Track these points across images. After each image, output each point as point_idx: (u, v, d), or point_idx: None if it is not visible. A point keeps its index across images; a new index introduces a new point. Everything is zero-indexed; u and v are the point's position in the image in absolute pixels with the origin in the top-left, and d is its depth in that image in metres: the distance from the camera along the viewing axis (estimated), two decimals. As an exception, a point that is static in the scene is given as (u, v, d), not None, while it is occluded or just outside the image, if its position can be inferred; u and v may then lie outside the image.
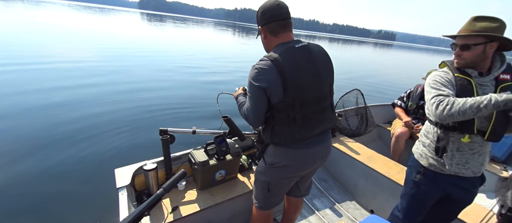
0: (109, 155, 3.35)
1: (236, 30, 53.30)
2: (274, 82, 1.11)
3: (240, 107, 1.36)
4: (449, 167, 1.26)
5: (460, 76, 1.20)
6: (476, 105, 1.01)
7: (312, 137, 1.24)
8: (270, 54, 1.15)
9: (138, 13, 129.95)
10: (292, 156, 1.25)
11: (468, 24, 1.17)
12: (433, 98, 1.16)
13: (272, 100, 1.15)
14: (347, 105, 2.98)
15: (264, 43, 1.29)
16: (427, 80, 1.28)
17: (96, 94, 5.53)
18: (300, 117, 1.17)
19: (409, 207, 1.46)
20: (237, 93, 1.51)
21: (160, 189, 0.86)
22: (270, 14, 1.19)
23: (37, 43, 10.94)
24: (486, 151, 1.25)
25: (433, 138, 1.30)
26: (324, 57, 1.24)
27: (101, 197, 2.50)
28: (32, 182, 2.73)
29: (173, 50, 14.22)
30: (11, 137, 3.50)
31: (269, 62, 1.12)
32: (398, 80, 12.79)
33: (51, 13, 34.03)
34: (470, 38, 1.15)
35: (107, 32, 19.38)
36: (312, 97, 1.19)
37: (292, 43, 1.19)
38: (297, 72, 1.13)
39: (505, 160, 2.66)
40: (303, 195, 1.61)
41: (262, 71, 1.12)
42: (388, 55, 37.87)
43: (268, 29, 1.21)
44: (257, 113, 1.20)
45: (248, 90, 1.21)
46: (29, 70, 6.70)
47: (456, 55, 1.21)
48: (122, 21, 37.70)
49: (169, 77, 7.93)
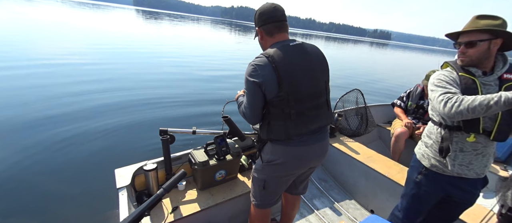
0: (109, 155, 3.35)
1: (235, 29, 53.04)
2: (269, 77, 1.15)
3: (238, 106, 1.41)
4: (451, 168, 1.25)
5: (465, 75, 1.19)
6: (486, 103, 0.99)
7: (308, 134, 1.26)
8: (266, 51, 1.20)
9: (133, 10, 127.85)
10: (288, 153, 1.27)
11: (471, 23, 1.17)
12: (440, 95, 1.14)
13: (267, 95, 1.19)
14: (347, 105, 2.98)
15: (261, 44, 1.34)
16: (431, 79, 1.27)
17: (96, 94, 5.52)
18: (295, 113, 1.20)
19: (410, 207, 1.46)
20: (238, 95, 1.54)
21: (160, 189, 0.86)
22: (267, 16, 1.25)
23: (32, 40, 10.80)
24: (490, 152, 1.24)
25: (436, 139, 1.29)
26: (318, 55, 1.29)
27: (101, 197, 2.50)
28: (32, 182, 2.72)
29: (172, 49, 14.17)
30: (11, 137, 3.50)
31: (264, 58, 1.17)
32: (394, 80, 12.81)
33: (44, 10, 33.18)
34: (475, 34, 1.15)
35: (103, 30, 19.14)
36: (306, 93, 1.22)
37: (287, 41, 1.24)
38: (291, 68, 1.17)
39: (505, 160, 2.66)
40: (300, 193, 1.63)
41: (258, 67, 1.17)
42: (383, 54, 37.93)
43: (264, 30, 1.27)
44: (253, 108, 1.24)
45: (245, 87, 1.25)
46: (27, 69, 6.69)
47: (461, 53, 1.20)
48: (118, 18, 37.26)
49: (168, 77, 7.93)
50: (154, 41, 17.19)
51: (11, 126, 3.76)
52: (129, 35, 18.49)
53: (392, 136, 2.82)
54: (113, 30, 19.86)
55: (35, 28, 15.09)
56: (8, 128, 3.70)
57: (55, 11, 34.55)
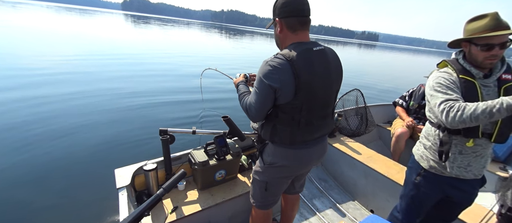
0: (109, 155, 3.35)
1: (230, 33, 51.88)
2: (286, 83, 1.06)
3: (241, 98, 1.30)
4: (450, 170, 1.25)
5: (465, 77, 1.16)
6: (489, 110, 0.96)
7: (311, 140, 1.25)
8: (287, 52, 1.08)
9: (121, 14, 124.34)
10: (291, 156, 1.25)
11: (500, 21, 1.09)
12: (441, 103, 1.10)
13: (280, 100, 1.11)
14: (347, 105, 2.98)
15: (278, 37, 1.20)
16: (430, 81, 1.23)
17: (96, 94, 5.53)
18: (304, 122, 1.16)
19: (408, 208, 1.46)
20: (238, 80, 1.46)
21: (160, 189, 0.85)
22: (292, 8, 1.11)
23: (31, 48, 10.86)
24: (488, 154, 1.24)
25: (434, 141, 1.28)
26: (336, 63, 1.21)
27: (101, 197, 2.50)
28: (32, 182, 2.72)
29: (170, 50, 14.22)
30: (11, 137, 3.50)
31: (285, 61, 1.05)
32: (383, 79, 12.83)
33: (31, 16, 31.44)
34: (507, 35, 1.10)
35: (99, 35, 19.00)
36: (319, 103, 1.17)
37: (310, 45, 1.13)
38: (312, 77, 1.09)
39: (505, 160, 2.65)
40: (298, 192, 1.63)
41: (276, 70, 1.06)
42: (372, 55, 37.94)
43: (286, 23, 1.14)
44: (261, 110, 1.17)
45: (256, 85, 1.14)
46: (26, 70, 6.70)
47: (494, 55, 1.11)
48: (108, 23, 36.37)
49: (168, 77, 7.93)
50: (151, 43, 17.24)
51: (11, 126, 3.76)
52: (123, 38, 18.45)
53: (392, 136, 2.82)
54: (107, 35, 19.63)
55: (27, 35, 14.41)
56: (8, 128, 3.71)
57: (42, 17, 33.23)
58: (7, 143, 3.34)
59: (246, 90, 1.35)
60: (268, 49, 22.72)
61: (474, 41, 1.14)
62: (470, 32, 1.17)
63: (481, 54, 1.13)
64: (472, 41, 1.15)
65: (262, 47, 25.76)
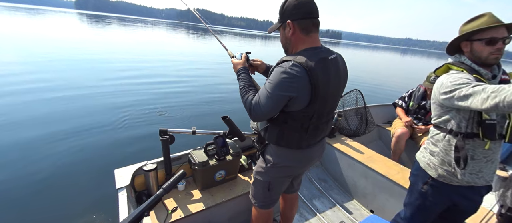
0: (109, 156, 3.35)
1: (198, 33, 47.12)
2: (302, 92, 1.03)
3: (244, 92, 1.20)
4: (461, 177, 1.18)
5: (478, 76, 1.11)
6: None
7: (315, 143, 1.27)
8: (304, 60, 1.01)
9: (75, 13, 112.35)
10: (294, 158, 1.26)
11: (495, 18, 1.09)
12: (471, 87, 1.00)
13: (291, 107, 1.08)
14: (347, 105, 2.98)
15: (288, 40, 1.13)
16: (444, 82, 1.14)
17: (96, 95, 5.52)
18: (312, 128, 1.17)
19: (414, 217, 1.40)
20: (238, 62, 1.33)
21: (160, 189, 0.85)
22: (306, 10, 1.06)
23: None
24: (497, 158, 1.21)
25: (443, 147, 1.21)
26: (345, 71, 1.21)
27: (101, 197, 2.50)
28: (32, 182, 2.72)
29: (168, 51, 14.20)
30: (11, 137, 3.49)
31: (303, 69, 1.00)
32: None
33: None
34: (509, 30, 1.10)
35: (95, 35, 18.43)
36: (328, 110, 1.18)
37: (325, 53, 1.09)
38: (328, 87, 1.08)
39: (505, 160, 2.65)
40: (296, 190, 1.65)
41: (294, 78, 1.00)
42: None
43: (299, 25, 1.07)
44: (269, 115, 1.13)
45: (269, 89, 1.06)
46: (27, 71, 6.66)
47: (499, 49, 1.09)
48: (81, 24, 32.97)
49: (168, 78, 7.93)
50: (145, 44, 17.04)
51: (11, 126, 3.76)
52: (111, 40, 18.12)
53: (392, 137, 2.82)
54: (109, 33, 19.31)
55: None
56: (7, 129, 3.70)
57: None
58: (7, 143, 3.34)
59: (250, 83, 1.24)
60: (238, 46, 22.63)
61: (478, 37, 1.12)
62: (470, 30, 1.15)
63: (486, 49, 1.10)
64: (474, 38, 1.14)
65: (233, 44, 25.65)
